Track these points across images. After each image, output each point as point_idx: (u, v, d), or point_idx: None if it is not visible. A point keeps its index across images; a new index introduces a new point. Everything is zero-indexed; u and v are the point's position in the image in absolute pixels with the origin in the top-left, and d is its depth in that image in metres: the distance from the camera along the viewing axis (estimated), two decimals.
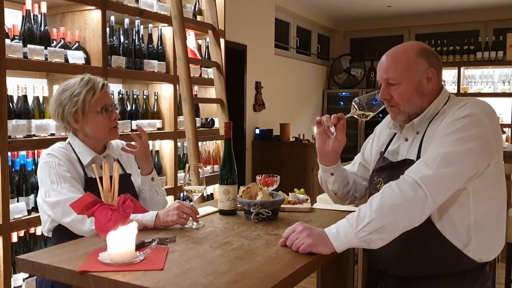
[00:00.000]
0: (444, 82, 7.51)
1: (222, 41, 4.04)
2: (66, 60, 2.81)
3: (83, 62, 2.91)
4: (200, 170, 1.91)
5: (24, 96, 2.63)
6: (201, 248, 1.52)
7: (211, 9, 3.91)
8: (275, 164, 6.05)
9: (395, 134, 1.82)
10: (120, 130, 3.09)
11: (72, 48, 2.90)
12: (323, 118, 1.79)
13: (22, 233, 2.63)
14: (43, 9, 2.75)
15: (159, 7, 3.50)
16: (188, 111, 3.37)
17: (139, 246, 1.46)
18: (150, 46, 3.52)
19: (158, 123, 3.58)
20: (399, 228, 1.48)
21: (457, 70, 7.33)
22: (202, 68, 4.01)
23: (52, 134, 2.71)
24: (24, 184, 2.61)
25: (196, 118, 3.55)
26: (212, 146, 4.17)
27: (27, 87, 2.65)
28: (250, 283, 1.23)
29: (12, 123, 2.51)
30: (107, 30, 3.08)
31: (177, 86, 3.62)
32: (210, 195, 4.14)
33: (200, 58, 4.03)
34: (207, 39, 4.00)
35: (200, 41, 4.20)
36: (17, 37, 2.59)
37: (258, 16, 6.31)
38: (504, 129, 5.83)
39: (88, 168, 1.95)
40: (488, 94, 7.09)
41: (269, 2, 6.54)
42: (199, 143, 3.55)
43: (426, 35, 7.90)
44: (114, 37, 3.21)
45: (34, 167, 2.65)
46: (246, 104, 6.11)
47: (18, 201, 2.57)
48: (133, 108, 3.40)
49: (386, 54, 1.72)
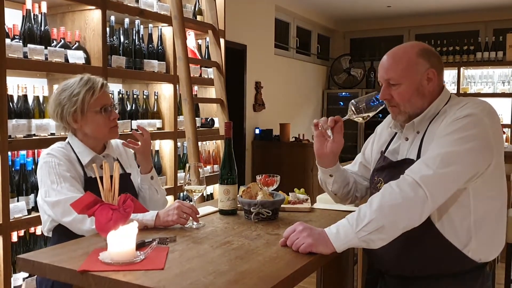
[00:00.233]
0: (444, 83, 7.49)
1: (222, 41, 4.04)
2: (66, 60, 2.81)
3: (83, 62, 2.91)
4: (200, 170, 1.91)
5: (24, 96, 2.63)
6: (201, 247, 1.52)
7: (211, 9, 3.92)
8: (275, 164, 6.06)
9: (396, 133, 1.82)
10: (120, 130, 3.09)
11: (72, 48, 2.90)
12: (320, 120, 1.79)
13: (22, 232, 2.63)
14: (43, 8, 2.75)
15: (159, 7, 3.50)
16: (188, 111, 3.38)
17: (140, 246, 1.47)
18: (150, 46, 3.52)
19: (158, 123, 3.58)
20: (399, 228, 1.48)
21: (456, 71, 7.34)
22: (202, 68, 4.02)
23: (52, 134, 2.71)
24: (24, 183, 2.61)
25: (196, 118, 3.55)
26: (212, 146, 4.17)
27: (27, 86, 2.65)
28: (251, 283, 1.23)
29: (12, 122, 2.51)
30: (107, 30, 3.08)
31: (177, 86, 3.63)
32: (210, 195, 4.14)
33: (200, 58, 4.03)
34: (207, 39, 4.01)
35: (200, 41, 4.20)
36: (17, 36, 2.59)
37: (258, 16, 6.31)
38: (503, 129, 5.83)
39: (87, 167, 1.94)
40: (488, 95, 7.09)
41: (269, 2, 6.54)
42: (199, 143, 3.55)
43: (426, 35, 7.90)
44: (114, 37, 3.21)
45: (34, 166, 2.65)
46: (246, 104, 6.11)
47: (18, 200, 2.57)
48: (133, 108, 3.41)
49: (387, 54, 1.72)
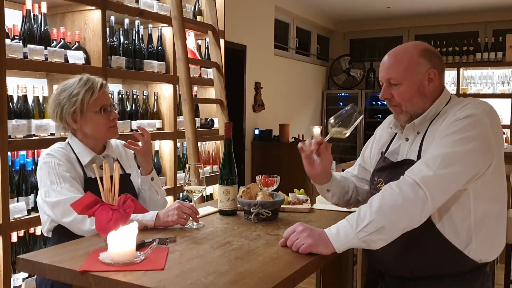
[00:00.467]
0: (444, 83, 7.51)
1: (222, 41, 4.05)
2: (66, 60, 2.81)
3: (83, 62, 2.91)
4: (200, 171, 1.91)
5: (24, 96, 2.63)
6: (201, 248, 1.52)
7: (211, 9, 3.92)
8: (274, 164, 6.05)
9: (396, 134, 1.82)
10: (120, 130, 3.09)
11: (72, 48, 2.90)
12: (304, 144, 1.79)
13: (22, 233, 2.63)
14: (43, 9, 2.75)
15: (159, 8, 3.50)
16: (187, 112, 3.38)
17: (140, 246, 1.47)
18: (150, 46, 3.52)
19: (157, 123, 3.58)
20: (399, 229, 1.48)
21: (456, 71, 7.33)
22: (202, 68, 4.01)
23: (52, 134, 2.71)
24: (24, 184, 2.61)
25: (195, 119, 3.55)
26: (211, 147, 4.17)
27: (27, 87, 2.64)
28: (251, 283, 1.23)
29: (12, 123, 2.51)
30: (107, 30, 3.08)
31: (176, 86, 3.63)
32: (210, 195, 4.14)
33: (199, 58, 4.03)
34: (207, 39, 4.01)
35: (199, 41, 4.20)
36: (17, 37, 2.59)
37: (258, 17, 6.31)
38: (503, 130, 5.83)
39: (87, 168, 1.94)
40: (487, 95, 7.09)
41: (268, 2, 6.55)
42: (199, 144, 3.55)
43: (426, 36, 7.90)
44: (114, 37, 3.21)
45: (34, 167, 2.65)
46: (245, 104, 6.11)
47: (18, 201, 2.57)
48: (133, 108, 3.40)
49: (388, 54, 1.72)
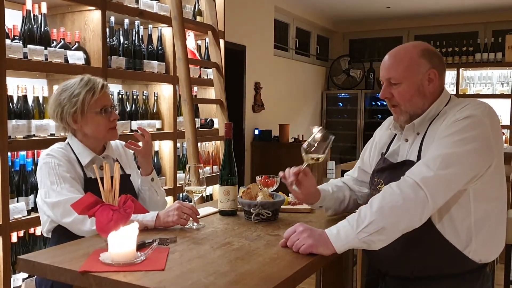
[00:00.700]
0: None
1: (221, 41, 4.05)
2: (66, 60, 2.81)
3: (83, 63, 2.91)
4: (200, 171, 1.91)
5: (24, 96, 2.62)
6: (202, 248, 1.52)
7: (210, 10, 3.92)
8: (274, 164, 6.05)
9: (395, 135, 1.82)
10: (120, 130, 3.10)
11: (72, 48, 2.90)
12: (285, 174, 1.80)
13: (21, 233, 2.63)
14: (43, 9, 2.75)
15: (159, 8, 3.50)
16: (187, 112, 3.38)
17: (140, 247, 1.46)
18: (150, 46, 3.52)
19: (157, 123, 3.58)
20: (399, 229, 1.49)
21: (456, 72, 7.34)
22: (202, 68, 4.01)
23: (52, 135, 2.71)
24: (24, 184, 2.61)
25: (195, 119, 3.55)
26: (211, 147, 4.17)
27: (27, 87, 2.64)
28: (252, 284, 1.23)
29: (12, 123, 2.51)
30: (107, 30, 3.08)
31: (176, 86, 3.62)
32: (210, 195, 4.14)
33: (199, 58, 4.03)
34: (207, 39, 4.01)
35: (199, 41, 4.20)
36: (17, 37, 2.58)
37: (258, 17, 6.31)
38: (503, 130, 5.84)
39: (87, 168, 1.94)
40: (487, 96, 7.09)
41: (268, 3, 6.55)
42: (198, 144, 3.55)
43: (425, 36, 7.90)
44: (114, 37, 3.21)
45: (34, 167, 2.65)
46: (245, 104, 6.12)
47: (18, 201, 2.57)
48: (132, 109, 3.40)
49: (389, 53, 1.73)
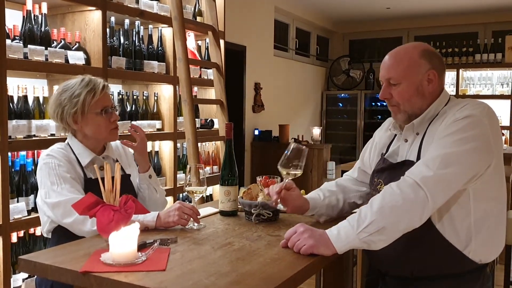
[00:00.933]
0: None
1: (221, 42, 4.05)
2: (67, 60, 2.81)
3: (83, 63, 2.91)
4: (201, 171, 1.91)
5: (25, 97, 2.62)
6: (202, 249, 1.52)
7: (211, 10, 3.92)
8: (274, 165, 5.98)
9: (395, 135, 1.83)
10: (120, 130, 3.08)
11: (73, 48, 2.90)
12: (269, 192, 1.80)
13: (21, 233, 2.62)
14: (44, 9, 2.75)
15: (159, 8, 3.50)
16: (188, 112, 3.38)
17: (141, 247, 1.46)
18: (150, 47, 3.52)
19: (157, 123, 3.58)
20: (400, 229, 1.49)
21: (455, 72, 7.34)
22: (202, 69, 4.01)
23: (52, 135, 2.71)
24: (24, 184, 2.61)
25: (195, 119, 3.55)
26: (211, 147, 4.17)
27: (27, 87, 2.64)
28: (252, 284, 1.23)
29: (12, 123, 2.51)
30: (107, 30, 3.08)
31: (177, 87, 3.62)
32: (210, 196, 4.14)
33: (199, 59, 4.03)
34: (207, 40, 4.01)
35: (200, 42, 4.20)
36: (17, 37, 2.58)
37: (258, 17, 6.31)
38: (502, 131, 5.84)
39: (87, 169, 1.94)
40: (487, 96, 7.10)
41: (268, 3, 6.55)
42: (199, 144, 3.55)
43: (425, 37, 7.91)
44: (114, 37, 3.21)
45: (34, 167, 2.64)
46: (245, 105, 6.11)
47: (18, 201, 2.57)
48: (133, 109, 3.40)
49: (389, 54, 1.73)
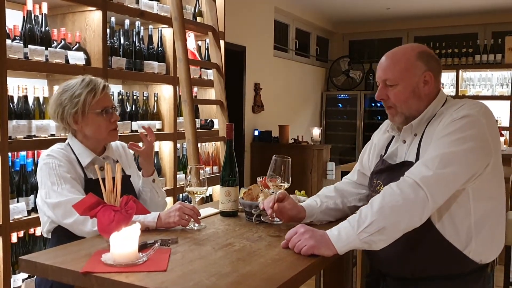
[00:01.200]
0: (443, 85, 7.53)
1: (222, 42, 4.05)
2: (67, 60, 2.81)
3: (84, 63, 2.90)
4: (202, 172, 1.91)
5: (25, 97, 2.62)
6: (203, 249, 1.52)
7: (211, 10, 3.92)
8: None
9: (393, 137, 1.83)
10: (120, 131, 3.08)
11: (73, 48, 2.90)
12: (264, 207, 1.78)
13: (21, 233, 2.62)
14: (44, 9, 2.75)
15: (160, 9, 3.50)
16: (188, 112, 3.38)
17: (142, 247, 1.46)
18: (150, 47, 3.52)
19: (157, 124, 3.58)
20: (400, 229, 1.49)
21: (455, 73, 7.35)
22: (202, 69, 4.02)
23: (53, 135, 2.70)
24: (24, 184, 2.61)
25: (195, 119, 3.55)
26: (211, 147, 4.17)
27: (27, 87, 2.64)
28: (253, 285, 1.23)
29: (12, 123, 2.51)
30: (108, 31, 3.08)
31: (177, 87, 3.63)
32: (209, 196, 4.14)
33: (200, 59, 4.03)
34: (207, 40, 4.01)
35: (200, 42, 4.20)
36: (18, 37, 2.58)
37: (258, 18, 6.31)
38: (502, 131, 5.84)
39: (87, 169, 1.94)
40: (486, 97, 7.11)
41: (268, 4, 6.55)
42: (198, 144, 3.55)
43: (425, 37, 7.91)
44: (115, 38, 3.21)
45: (34, 167, 2.64)
46: (245, 105, 6.12)
47: (18, 201, 2.57)
48: (133, 109, 3.40)
49: (386, 55, 1.74)
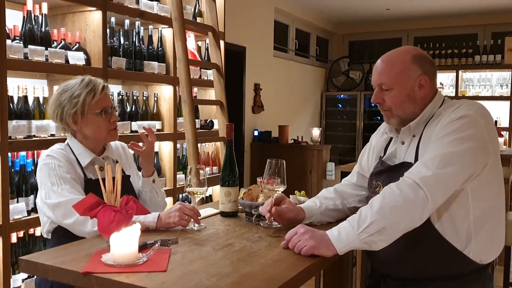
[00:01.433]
0: (442, 85, 7.53)
1: (222, 43, 4.05)
2: (67, 61, 2.81)
3: (84, 63, 2.90)
4: (202, 172, 1.90)
5: (25, 97, 2.62)
6: (203, 249, 1.52)
7: (211, 11, 3.92)
8: None
9: (391, 138, 1.83)
10: (120, 131, 3.09)
11: (73, 49, 2.90)
12: (263, 213, 1.79)
13: (21, 233, 2.62)
14: (44, 10, 2.74)
15: (160, 9, 3.50)
16: (187, 113, 3.38)
17: (142, 248, 1.46)
18: (150, 47, 3.52)
19: (157, 124, 3.58)
20: (400, 229, 1.49)
21: (455, 73, 7.36)
22: (202, 69, 4.02)
23: (52, 135, 2.70)
24: (24, 184, 2.60)
25: (195, 120, 3.55)
26: (211, 148, 4.17)
27: (27, 87, 2.64)
28: (254, 285, 1.23)
29: (12, 123, 2.51)
30: (108, 31, 3.08)
31: (177, 87, 3.63)
32: (209, 196, 4.14)
33: (199, 59, 4.03)
34: (207, 40, 4.01)
35: (200, 42, 4.20)
36: (18, 37, 2.58)
37: (258, 18, 6.31)
38: (502, 132, 5.84)
39: (87, 169, 1.94)
40: (486, 98, 7.12)
41: (268, 4, 6.55)
42: (198, 145, 3.55)
43: (425, 38, 7.92)
44: (115, 38, 3.21)
45: (34, 167, 2.64)
46: (245, 106, 6.12)
47: (18, 201, 2.57)
48: (132, 109, 3.40)
49: (381, 58, 1.74)
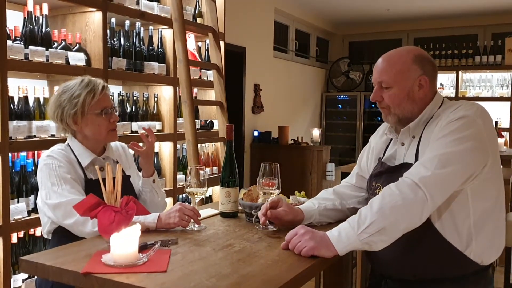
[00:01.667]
0: (442, 86, 7.54)
1: (222, 43, 4.05)
2: (67, 61, 2.81)
3: (84, 64, 2.91)
4: (202, 172, 1.91)
5: (25, 97, 2.63)
6: (203, 250, 1.52)
7: (211, 11, 3.93)
8: None
9: (391, 140, 1.83)
10: (120, 131, 3.10)
11: (73, 49, 2.91)
12: (260, 217, 1.77)
13: (21, 234, 2.62)
14: (45, 10, 2.75)
15: (160, 10, 3.50)
16: (188, 113, 3.38)
17: (142, 248, 1.46)
18: (150, 48, 3.53)
19: (157, 125, 3.58)
20: (400, 229, 1.49)
21: (455, 74, 7.36)
22: (202, 70, 4.02)
23: (53, 136, 2.71)
24: (24, 185, 2.61)
25: (195, 120, 3.55)
26: (211, 148, 4.17)
27: (28, 88, 2.65)
28: (254, 286, 1.23)
29: (13, 124, 2.51)
30: (108, 32, 3.08)
31: (177, 88, 3.63)
32: (209, 197, 4.14)
33: (200, 60, 4.04)
34: (207, 41, 4.01)
35: (200, 43, 4.21)
36: (18, 38, 2.59)
37: (258, 19, 6.32)
38: (502, 133, 5.84)
39: (87, 169, 1.94)
40: (486, 98, 7.12)
41: (268, 5, 6.56)
42: (198, 145, 3.55)
43: (425, 39, 7.92)
44: (115, 39, 3.22)
45: (34, 168, 2.65)
46: (245, 106, 6.12)
47: (18, 202, 2.57)
48: (133, 110, 3.41)
49: (383, 57, 1.75)
